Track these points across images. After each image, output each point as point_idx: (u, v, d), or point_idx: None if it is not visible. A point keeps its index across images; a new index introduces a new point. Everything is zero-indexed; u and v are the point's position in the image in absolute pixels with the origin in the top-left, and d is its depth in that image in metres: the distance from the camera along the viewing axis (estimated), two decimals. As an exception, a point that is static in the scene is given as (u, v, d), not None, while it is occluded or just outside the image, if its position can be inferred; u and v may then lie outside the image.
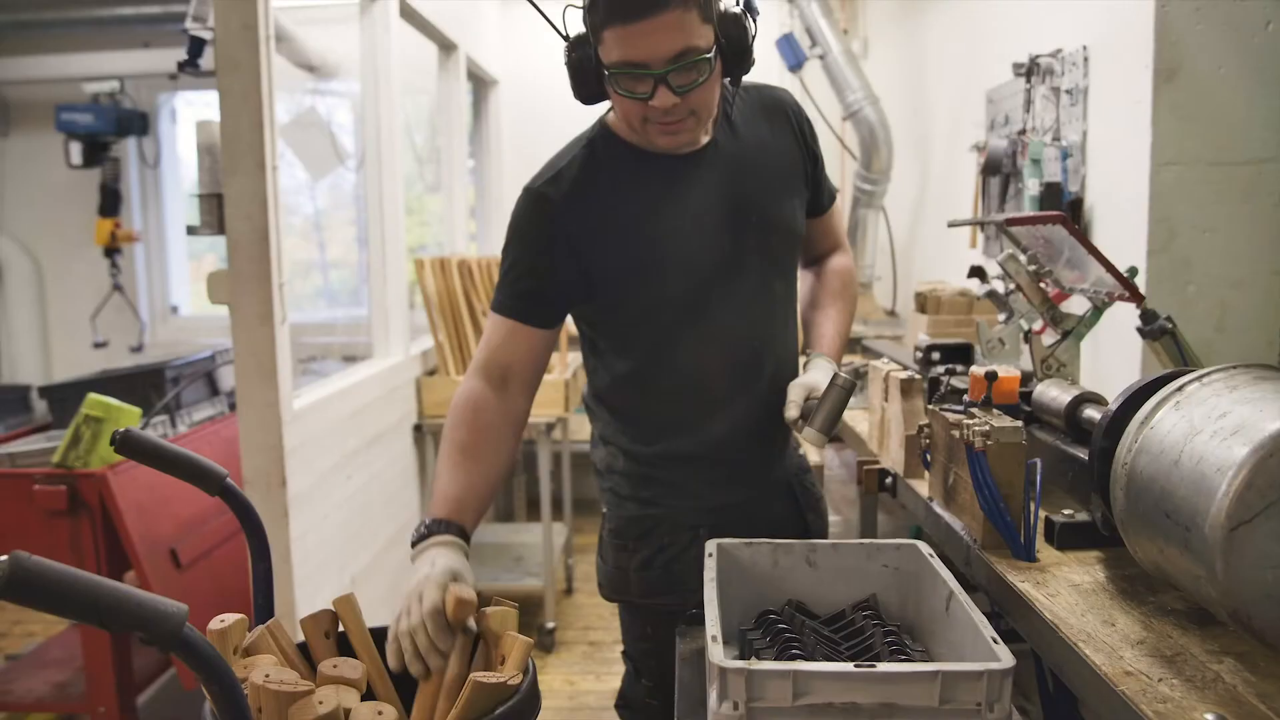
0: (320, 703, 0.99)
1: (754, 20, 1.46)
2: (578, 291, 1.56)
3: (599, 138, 1.58)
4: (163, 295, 5.46)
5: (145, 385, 3.07)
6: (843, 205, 4.82)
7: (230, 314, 2.32)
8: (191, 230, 2.31)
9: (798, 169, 1.67)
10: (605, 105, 1.59)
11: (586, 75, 1.45)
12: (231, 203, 2.26)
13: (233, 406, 3.14)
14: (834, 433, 1.53)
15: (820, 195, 1.74)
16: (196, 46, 2.32)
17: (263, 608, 1.26)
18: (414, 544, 1.37)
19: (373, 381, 3.18)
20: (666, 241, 1.53)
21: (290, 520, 2.41)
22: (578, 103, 1.55)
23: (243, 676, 1.02)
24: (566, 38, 1.46)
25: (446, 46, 4.26)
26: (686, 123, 1.45)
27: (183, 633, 0.74)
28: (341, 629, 1.22)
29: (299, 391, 2.63)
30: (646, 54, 1.36)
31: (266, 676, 1.00)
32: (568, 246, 1.52)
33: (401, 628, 1.19)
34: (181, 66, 2.36)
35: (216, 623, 1.06)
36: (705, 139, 1.57)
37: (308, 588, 2.50)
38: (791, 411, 1.54)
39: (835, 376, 1.50)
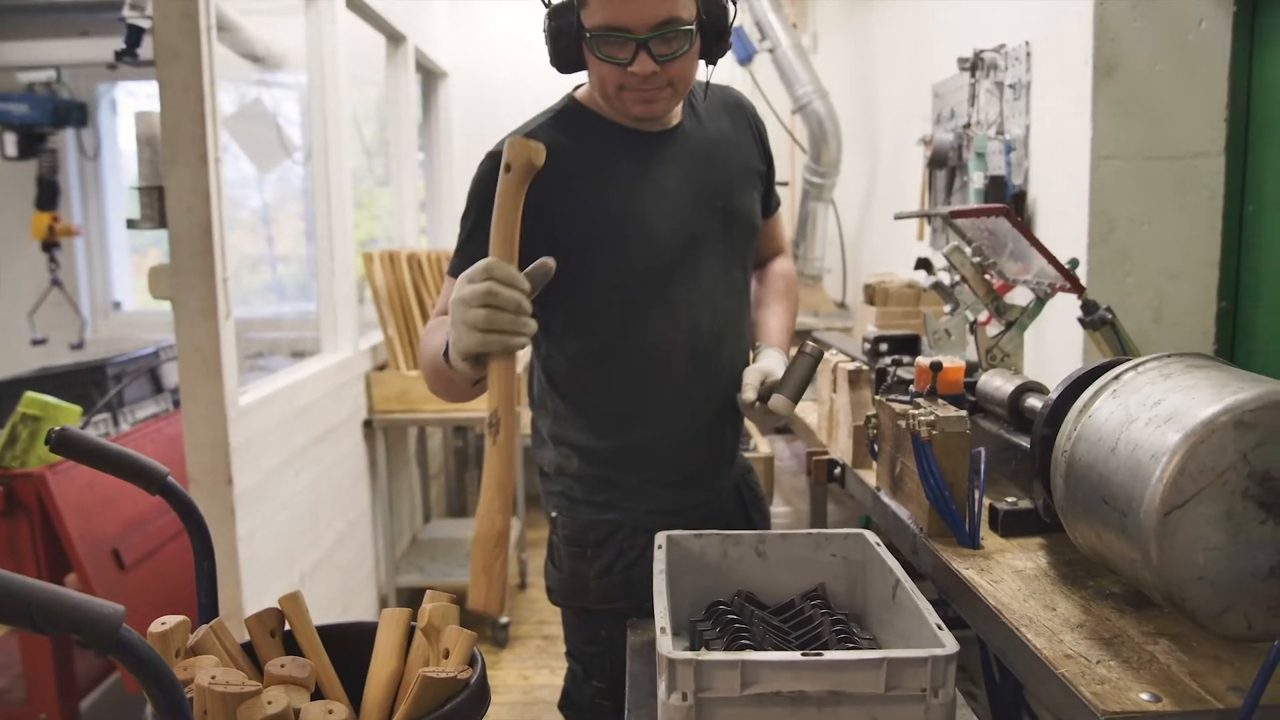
0: (270, 703, 0.98)
1: (734, 3, 1.49)
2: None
3: (568, 109, 1.57)
4: (104, 291, 5.34)
5: (86, 383, 3.00)
6: (793, 198, 4.87)
7: (173, 309, 2.28)
8: (131, 224, 2.26)
9: (756, 167, 1.70)
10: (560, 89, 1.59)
11: (566, 42, 1.44)
12: (173, 195, 2.21)
13: (177, 404, 3.08)
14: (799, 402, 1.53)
15: (769, 198, 1.77)
16: (135, 35, 2.27)
17: (207, 608, 1.24)
18: (444, 347, 1.32)
19: (321, 377, 3.14)
20: (633, 216, 1.52)
21: (237, 518, 2.37)
22: (530, 95, 1.54)
23: (186, 678, 1.00)
24: (548, 4, 1.45)
25: (394, 38, 4.21)
26: (663, 93, 1.46)
27: (119, 634, 0.72)
28: (288, 628, 1.20)
29: (245, 388, 2.59)
30: (631, 19, 1.37)
31: (212, 678, 0.98)
32: (532, 213, 1.49)
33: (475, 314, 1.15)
34: (119, 56, 2.30)
35: (158, 625, 1.04)
36: (674, 122, 1.58)
37: (255, 586, 2.46)
38: (749, 394, 1.54)
39: (803, 344, 1.50)
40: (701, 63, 1.53)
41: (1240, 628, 1.04)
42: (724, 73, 1.80)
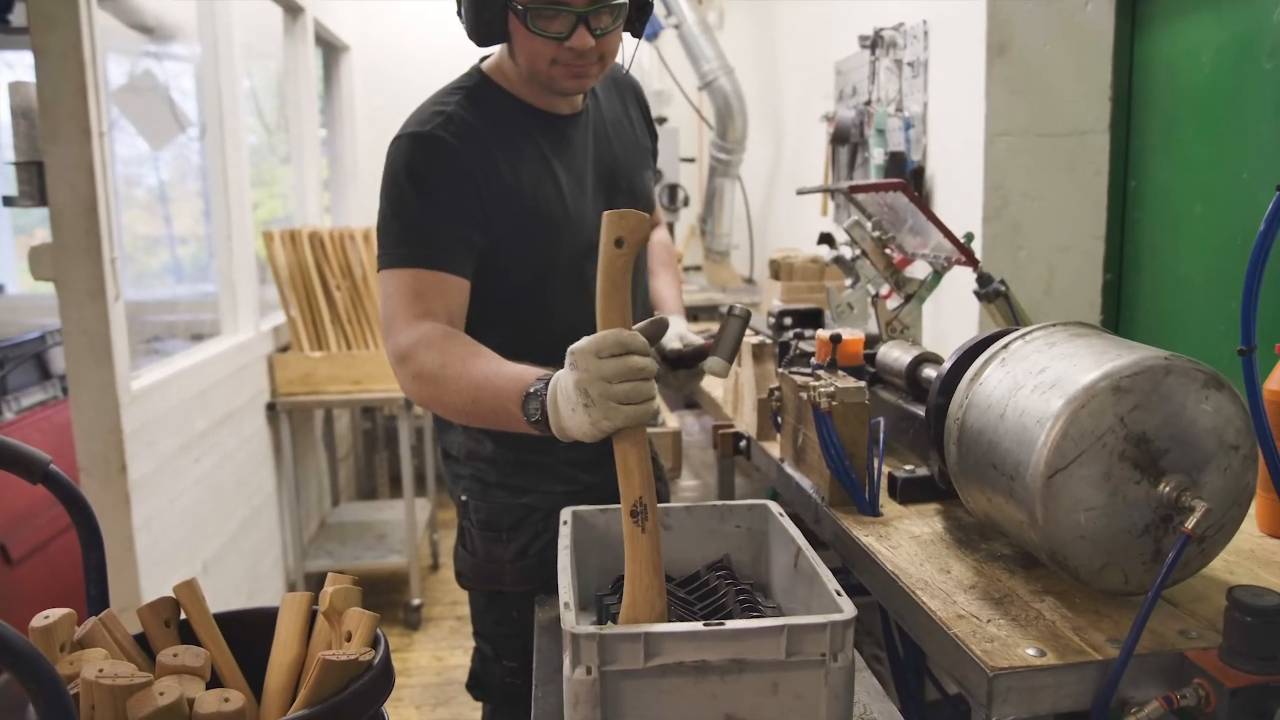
0: (161, 694, 0.95)
1: None
2: (478, 245, 1.45)
3: (479, 86, 1.52)
4: (-16, 273, 5.08)
5: (-35, 370, 2.86)
6: (700, 175, 4.89)
7: (57, 291, 2.18)
8: (9, 201, 2.15)
9: (646, 144, 1.72)
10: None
11: (490, 14, 1.39)
12: (53, 172, 2.12)
13: (67, 390, 2.96)
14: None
15: (654, 172, 1.79)
16: (4, 0, 2.15)
17: (96, 599, 1.19)
18: (534, 415, 1.20)
19: (220, 360, 3.05)
20: (555, 201, 1.51)
21: (132, 507, 2.29)
22: (435, 70, 1.51)
23: (71, 673, 0.96)
24: None
25: (292, 9, 4.08)
26: (594, 68, 1.44)
27: (-9, 630, 0.69)
28: (184, 616, 1.17)
29: (139, 372, 2.50)
30: None
31: (99, 671, 0.94)
32: (473, 192, 1.44)
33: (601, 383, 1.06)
34: (-11, 23, 2.18)
35: (40, 619, 1.00)
36: (580, 103, 1.57)
37: (154, 577, 2.39)
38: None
39: (731, 308, 1.44)
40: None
41: (1118, 582, 1.09)
42: (629, 48, 1.79)
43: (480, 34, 1.44)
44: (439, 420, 1.70)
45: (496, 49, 1.53)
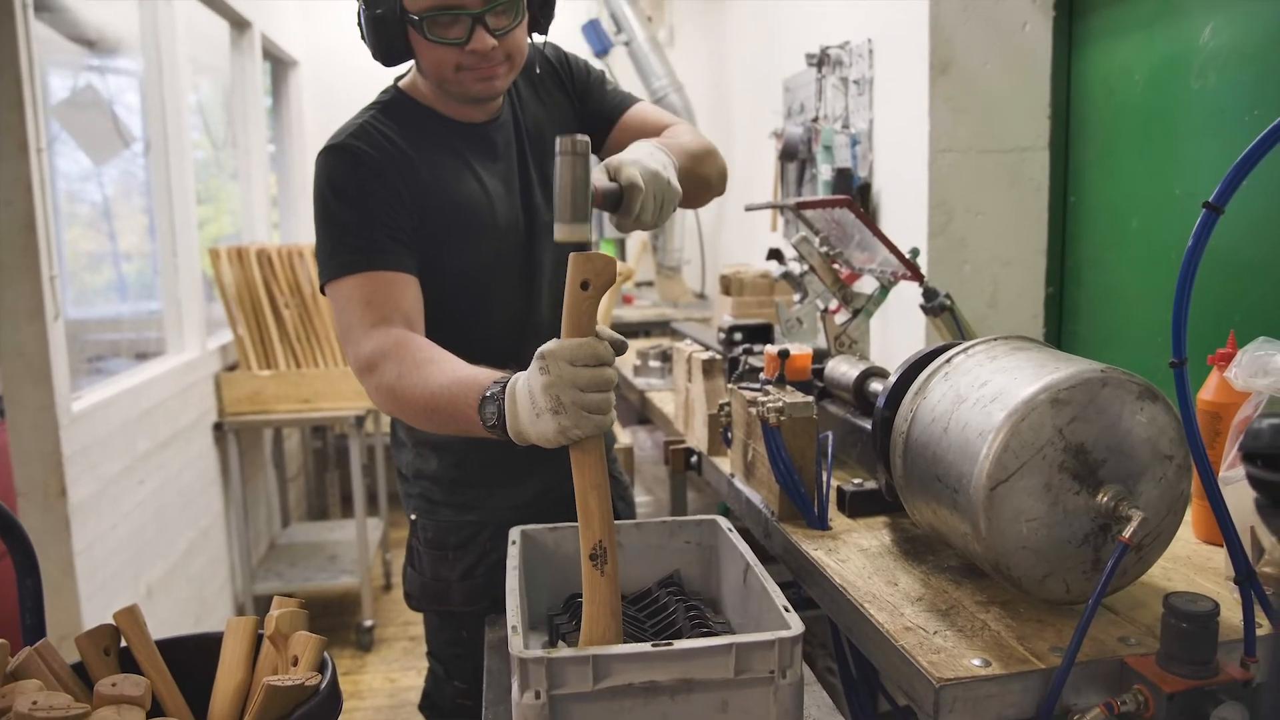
0: (98, 725, 0.93)
1: None
2: (411, 244, 1.44)
3: (395, 101, 1.52)
4: (-81, 292, 4.93)
5: (-104, 392, 2.77)
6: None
7: (-8, 311, 2.13)
8: (-57, 220, 2.10)
9: (571, 127, 1.65)
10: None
11: (389, 30, 1.39)
12: (-11, 188, 2.07)
13: (4, 412, 2.88)
14: (589, 218, 1.10)
15: (606, 108, 1.66)
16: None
17: (32, 629, 1.16)
18: (491, 419, 1.15)
19: (165, 379, 3.00)
20: (483, 201, 1.50)
21: (73, 532, 2.24)
22: (383, 86, 1.51)
23: (4, 707, 0.94)
24: None
25: (239, 23, 4.04)
26: (502, 69, 1.43)
27: (-82, 664, 0.67)
28: (125, 644, 1.14)
29: (80, 393, 2.44)
30: None
31: (34, 704, 0.92)
32: (396, 196, 1.43)
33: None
34: (-80, 37, 2.12)
35: (-30, 650, 0.97)
36: (499, 111, 1.56)
37: (97, 603, 2.33)
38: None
39: (558, 141, 1.08)
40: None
41: (1060, 591, 1.11)
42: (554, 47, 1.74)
43: (384, 53, 1.43)
44: (393, 439, 1.69)
45: (411, 68, 1.54)
